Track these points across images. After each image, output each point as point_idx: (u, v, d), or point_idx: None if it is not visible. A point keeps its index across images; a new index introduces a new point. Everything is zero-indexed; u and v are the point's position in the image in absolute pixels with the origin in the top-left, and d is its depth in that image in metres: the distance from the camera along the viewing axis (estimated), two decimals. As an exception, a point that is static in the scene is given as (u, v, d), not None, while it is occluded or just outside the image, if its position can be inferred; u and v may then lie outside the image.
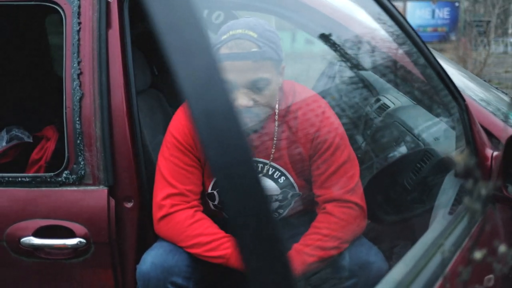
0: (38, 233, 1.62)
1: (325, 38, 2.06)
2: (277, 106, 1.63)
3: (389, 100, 2.35)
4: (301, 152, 1.64)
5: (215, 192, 1.66)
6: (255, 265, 0.50)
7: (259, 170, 1.64)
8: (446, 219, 1.32)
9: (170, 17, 0.49)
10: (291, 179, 1.66)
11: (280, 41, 1.54)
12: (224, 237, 1.55)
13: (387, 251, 1.65)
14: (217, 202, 1.67)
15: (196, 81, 0.49)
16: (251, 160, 0.51)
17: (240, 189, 0.50)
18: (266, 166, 1.64)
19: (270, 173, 1.65)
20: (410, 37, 1.44)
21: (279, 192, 1.66)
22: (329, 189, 1.61)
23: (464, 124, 1.48)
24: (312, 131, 1.62)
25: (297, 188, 1.67)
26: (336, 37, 2.02)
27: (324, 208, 1.60)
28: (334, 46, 2.15)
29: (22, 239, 1.62)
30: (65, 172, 1.63)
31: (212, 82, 0.50)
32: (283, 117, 1.64)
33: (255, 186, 0.51)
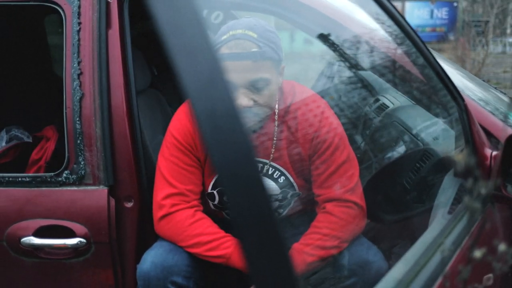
0: (38, 233, 1.62)
1: (324, 38, 2.06)
2: (277, 106, 1.64)
3: (388, 100, 2.35)
4: (301, 152, 1.64)
5: (215, 192, 1.66)
6: (258, 263, 0.51)
7: (259, 170, 1.64)
8: (446, 219, 1.32)
9: (173, 18, 0.50)
10: (291, 179, 1.66)
11: (280, 41, 1.54)
12: (224, 237, 1.55)
13: (387, 251, 1.66)
14: (217, 202, 1.67)
15: (199, 81, 0.49)
16: (254, 159, 0.51)
17: (243, 188, 0.50)
18: (266, 166, 1.65)
19: (270, 173, 1.65)
20: (410, 37, 1.44)
21: (279, 192, 1.66)
22: (329, 189, 1.61)
23: (463, 124, 1.49)
24: (312, 131, 1.62)
25: (297, 188, 1.67)
26: (336, 37, 2.03)
27: (324, 208, 1.61)
28: (333, 46, 2.15)
29: (22, 239, 1.62)
30: (65, 172, 1.63)
31: (215, 82, 0.50)
32: (283, 117, 1.64)
33: (258, 185, 0.52)
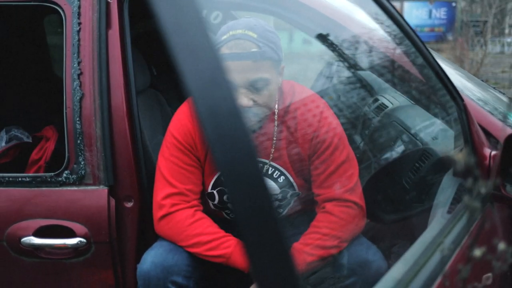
0: (39, 233, 1.62)
1: (324, 38, 2.06)
2: (276, 106, 1.64)
3: (388, 100, 2.36)
4: (300, 152, 1.65)
5: (215, 192, 1.67)
6: (259, 262, 0.51)
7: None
8: (445, 218, 1.33)
9: (176, 17, 0.50)
10: (291, 179, 1.66)
11: (280, 41, 1.54)
12: (224, 237, 1.55)
13: (386, 250, 1.66)
14: (217, 202, 1.68)
15: (202, 80, 0.50)
16: (255, 158, 0.52)
17: (245, 186, 0.51)
18: (266, 166, 1.65)
19: (270, 173, 1.66)
20: (409, 37, 1.44)
21: (279, 192, 1.66)
22: (329, 189, 1.62)
23: (463, 124, 1.49)
24: (311, 131, 1.63)
25: (297, 188, 1.67)
26: (335, 37, 2.03)
27: (324, 207, 1.61)
28: (333, 46, 2.16)
29: (23, 239, 1.62)
30: (66, 172, 1.63)
31: (217, 81, 0.50)
32: (282, 117, 1.65)
33: (259, 184, 0.52)
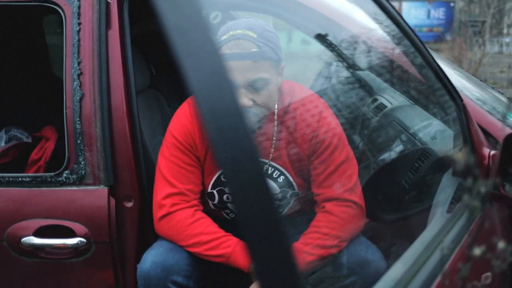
0: (39, 233, 1.62)
1: (323, 38, 2.07)
2: (276, 106, 1.64)
3: (387, 100, 2.36)
4: (300, 152, 1.65)
5: (215, 192, 1.67)
6: (262, 260, 0.51)
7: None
8: (445, 217, 1.33)
9: (179, 17, 0.50)
10: (290, 178, 1.67)
11: (280, 42, 1.55)
12: (224, 236, 1.56)
13: (386, 250, 1.67)
14: (217, 202, 1.68)
15: (204, 80, 0.50)
16: (258, 157, 0.52)
17: (247, 185, 0.51)
18: (266, 166, 1.65)
19: (270, 173, 1.66)
20: (408, 37, 1.45)
21: (278, 191, 1.67)
22: (328, 188, 1.62)
23: (462, 124, 1.50)
24: (310, 131, 1.63)
25: (296, 187, 1.68)
26: (334, 37, 2.03)
27: (323, 207, 1.62)
28: (332, 46, 2.16)
29: (23, 239, 1.62)
30: (66, 172, 1.64)
31: (220, 81, 0.51)
32: (282, 117, 1.65)
33: (262, 182, 0.52)
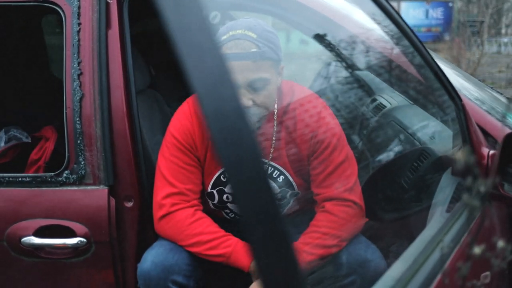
0: (39, 233, 1.62)
1: (322, 38, 2.07)
2: (276, 106, 1.65)
3: (386, 100, 2.37)
4: (299, 152, 1.65)
5: (215, 191, 1.67)
6: (265, 259, 0.52)
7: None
8: (444, 217, 1.34)
9: (182, 17, 0.51)
10: (290, 178, 1.67)
11: (279, 42, 1.55)
12: (224, 236, 1.56)
13: (385, 249, 1.67)
14: (217, 201, 1.68)
15: (207, 79, 0.51)
16: (260, 156, 0.52)
17: (250, 184, 0.51)
18: (265, 166, 1.66)
19: (269, 172, 1.67)
20: (407, 37, 1.45)
21: (278, 191, 1.67)
22: (328, 188, 1.62)
23: (461, 123, 1.50)
24: (309, 131, 1.64)
25: (296, 187, 1.68)
26: (333, 37, 2.04)
27: (323, 207, 1.62)
28: (331, 46, 2.17)
29: (23, 239, 1.62)
30: (66, 172, 1.64)
31: (223, 81, 0.51)
32: (282, 117, 1.66)
33: (263, 181, 0.53)
